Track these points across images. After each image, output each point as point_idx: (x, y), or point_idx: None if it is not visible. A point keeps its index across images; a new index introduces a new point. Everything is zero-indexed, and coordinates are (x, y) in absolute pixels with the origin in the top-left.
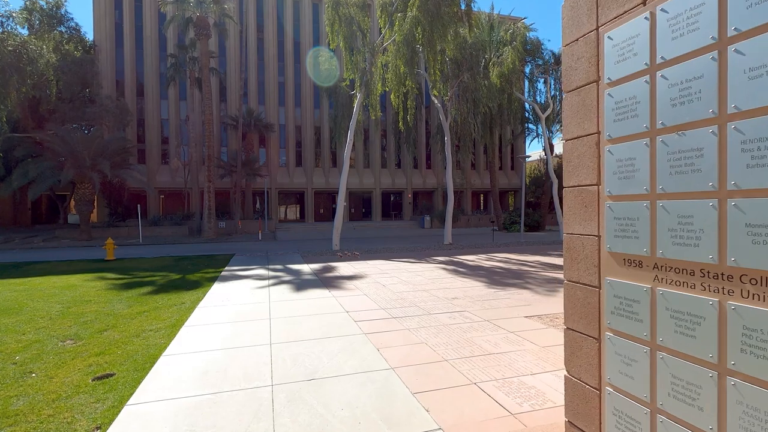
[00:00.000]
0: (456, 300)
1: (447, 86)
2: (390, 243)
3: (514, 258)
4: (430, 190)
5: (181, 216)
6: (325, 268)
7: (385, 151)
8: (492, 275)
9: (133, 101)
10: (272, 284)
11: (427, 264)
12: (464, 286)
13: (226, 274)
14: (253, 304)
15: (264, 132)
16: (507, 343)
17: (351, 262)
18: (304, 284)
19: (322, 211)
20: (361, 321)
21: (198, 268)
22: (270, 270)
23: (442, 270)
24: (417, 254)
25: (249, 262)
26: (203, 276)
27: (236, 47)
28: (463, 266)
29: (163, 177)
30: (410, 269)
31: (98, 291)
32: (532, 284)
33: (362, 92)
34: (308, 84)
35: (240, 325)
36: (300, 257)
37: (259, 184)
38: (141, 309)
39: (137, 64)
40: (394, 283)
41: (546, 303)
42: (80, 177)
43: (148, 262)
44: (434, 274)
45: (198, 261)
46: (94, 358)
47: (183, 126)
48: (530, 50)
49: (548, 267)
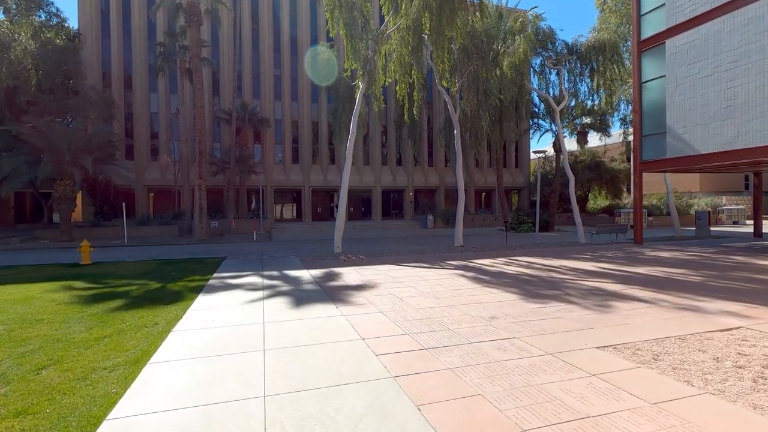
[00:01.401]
0: (495, 320)
1: (455, 77)
2: (394, 244)
3: (537, 262)
4: (432, 188)
5: (171, 215)
6: (327, 274)
7: (386, 148)
8: (522, 284)
9: (121, 94)
10: (267, 296)
11: (443, 270)
12: (497, 299)
13: (213, 283)
14: (242, 327)
15: (259, 127)
16: (597, 395)
17: (356, 267)
18: (305, 297)
19: (319, 210)
20: (385, 354)
21: (182, 275)
22: (265, 277)
23: (462, 278)
24: (428, 258)
25: (241, 267)
26: (187, 285)
27: (230, 38)
28: (483, 272)
29: (153, 174)
30: (426, 276)
31: (57, 306)
32: (575, 297)
33: (365, 82)
34: (305, 77)
35: (224, 361)
36: (299, 261)
37: (253, 182)
38: (102, 332)
39: (125, 55)
40: (413, 296)
41: (610, 325)
42: (59, 173)
43: (128, 268)
44: (455, 284)
45: (184, 266)
46: (8, 422)
47: (174, 120)
48: (542, 40)
49: (581, 274)
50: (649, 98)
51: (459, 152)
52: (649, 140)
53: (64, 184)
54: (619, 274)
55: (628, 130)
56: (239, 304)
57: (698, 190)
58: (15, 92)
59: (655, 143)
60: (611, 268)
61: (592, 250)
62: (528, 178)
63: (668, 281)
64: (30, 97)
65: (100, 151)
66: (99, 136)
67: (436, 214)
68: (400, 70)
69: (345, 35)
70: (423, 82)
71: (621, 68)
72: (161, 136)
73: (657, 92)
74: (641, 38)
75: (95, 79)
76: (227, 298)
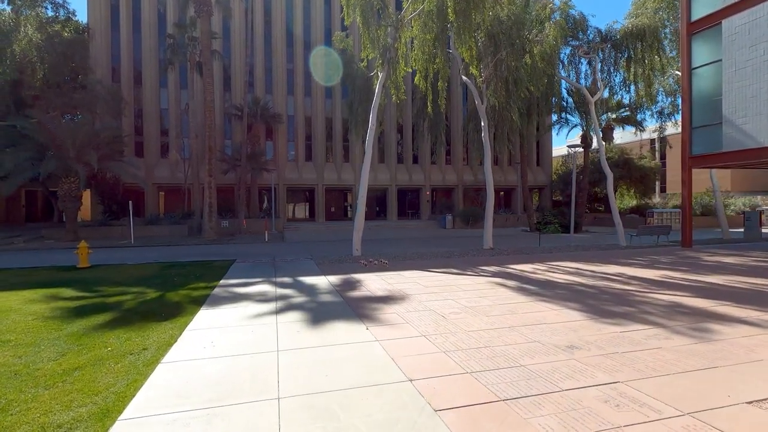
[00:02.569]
0: (576, 351)
1: (479, 67)
2: (415, 246)
3: (584, 269)
4: (449, 187)
5: (180, 214)
6: (347, 282)
7: (401, 145)
8: (583, 298)
9: (130, 90)
10: (281, 310)
11: (479, 277)
12: (562, 318)
13: (219, 292)
14: (250, 357)
15: (271, 123)
16: None
17: (379, 273)
18: (325, 311)
19: (333, 210)
20: (448, 410)
21: (186, 281)
22: (277, 285)
23: (505, 288)
24: (457, 262)
25: (251, 271)
26: (189, 294)
27: (241, 30)
28: (528, 281)
29: (162, 172)
30: (462, 285)
31: (34, 321)
32: (657, 316)
33: (385, 71)
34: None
35: (223, 421)
36: (314, 265)
37: (265, 180)
38: (75, 362)
39: (134, 50)
40: (456, 312)
41: (737, 362)
42: (64, 170)
43: (128, 272)
44: (501, 295)
45: (189, 270)
46: None
47: (184, 117)
48: (573, 27)
49: (646, 284)
50: (701, 86)
51: (487, 147)
52: (700, 133)
53: (69, 182)
54: (691, 284)
55: (665, 124)
56: (247, 320)
57: (730, 189)
58: (20, 86)
59: (708, 136)
60: (677, 277)
61: (638, 254)
62: (550, 177)
63: (761, 295)
64: (36, 91)
65: (106, 148)
66: (105, 131)
67: (455, 214)
68: (422, 58)
69: (362, 23)
70: (447, 70)
71: (662, 56)
72: (171, 133)
73: (710, 79)
74: (691, 19)
75: (104, 75)
76: (234, 313)
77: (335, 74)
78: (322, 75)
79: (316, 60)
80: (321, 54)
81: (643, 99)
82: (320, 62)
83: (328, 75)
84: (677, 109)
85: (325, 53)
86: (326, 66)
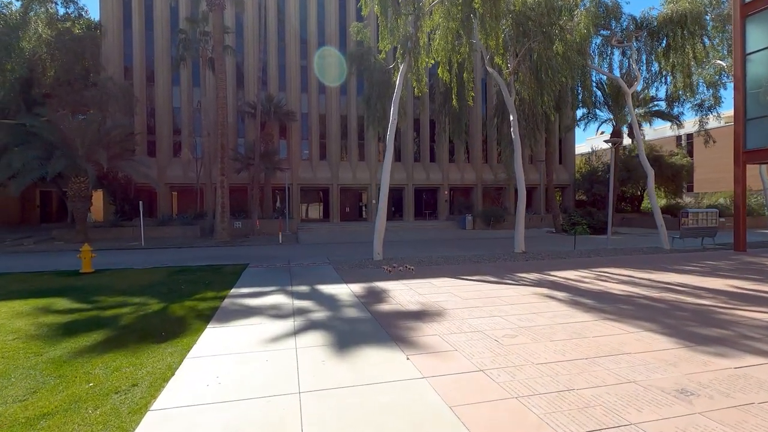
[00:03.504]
0: (694, 398)
1: (506, 57)
2: (437, 248)
3: (638, 277)
4: (468, 186)
5: (192, 215)
6: (372, 292)
7: (417, 143)
8: (655, 315)
9: (143, 88)
10: (300, 329)
11: (521, 287)
12: (647, 346)
13: (228, 305)
14: (266, 402)
15: (285, 121)
16: None
17: (406, 281)
18: (352, 332)
19: (348, 210)
20: None
21: (194, 290)
22: (294, 296)
23: (557, 302)
24: (489, 268)
25: (265, 278)
26: (195, 307)
27: (254, 27)
28: (581, 293)
29: (175, 171)
30: (505, 298)
31: (13, 342)
32: (766, 343)
33: (406, 61)
34: (334, 68)
35: None
36: (333, 271)
37: (279, 180)
38: (45, 404)
39: (147, 47)
40: (510, 335)
41: None
42: (73, 169)
43: (132, 278)
44: (556, 311)
45: (198, 276)
46: None
47: (197, 115)
48: (605, 14)
49: (724, 297)
50: (757, 73)
51: (518, 142)
52: (756, 125)
53: (79, 181)
54: None
55: (705, 117)
56: (261, 345)
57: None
58: (31, 84)
59: (765, 128)
60: (755, 289)
61: (689, 260)
62: (572, 176)
63: None
64: (47, 89)
65: (117, 147)
66: (116, 130)
67: (475, 214)
68: (445, 48)
69: (380, 11)
70: (472, 61)
71: (703, 44)
72: (184, 132)
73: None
74: (745, 0)
75: (116, 73)
76: (244, 334)
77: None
78: (335, 74)
79: (325, 59)
80: (329, 54)
81: (681, 91)
82: (332, 61)
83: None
84: (719, 101)
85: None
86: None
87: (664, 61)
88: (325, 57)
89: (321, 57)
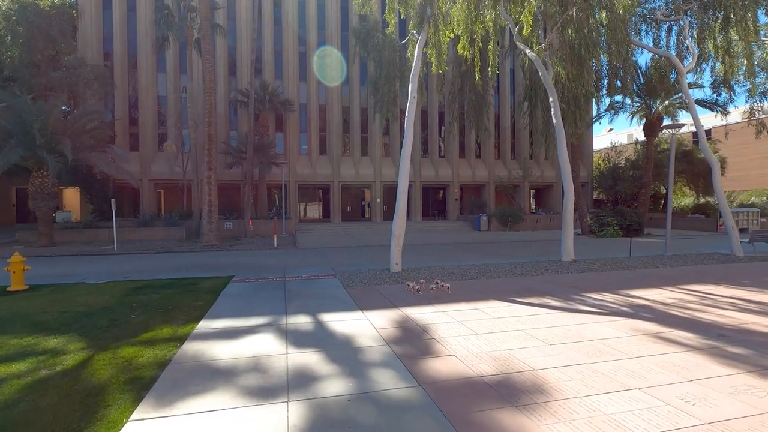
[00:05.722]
0: None
1: (536, 33)
2: (458, 254)
3: (754, 299)
4: (480, 183)
5: (178, 215)
6: (405, 329)
7: (424, 137)
8: None
9: (124, 75)
10: (298, 426)
11: (612, 319)
12: None
13: (185, 358)
14: None
15: (281, 110)
16: None
17: (445, 306)
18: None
19: (350, 209)
20: None
21: (146, 323)
22: (289, 338)
23: (692, 352)
24: (542, 283)
25: (251, 300)
26: (133, 361)
27: (248, 9)
28: (705, 329)
29: (160, 167)
30: (607, 341)
31: None
32: None
33: (424, 30)
34: (336, 55)
35: None
36: (341, 288)
37: (275, 176)
38: None
39: (129, 31)
40: None
41: None
42: (32, 161)
43: (72, 300)
44: (715, 372)
45: (162, 297)
46: None
47: (184, 106)
48: None
49: None
50: None
51: (561, 129)
52: None
53: (41, 176)
54: None
55: (758, 105)
56: None
57: None
58: None
59: None
60: None
61: None
62: (591, 172)
63: None
64: (9, 71)
65: (87, 136)
66: (85, 117)
67: (491, 214)
68: (467, 18)
69: None
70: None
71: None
72: (170, 124)
73: None
74: None
75: (95, 58)
76: None
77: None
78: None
79: (324, 58)
80: (328, 54)
81: (733, 74)
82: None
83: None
84: None
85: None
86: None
87: (723, 36)
88: (324, 57)
89: (321, 57)
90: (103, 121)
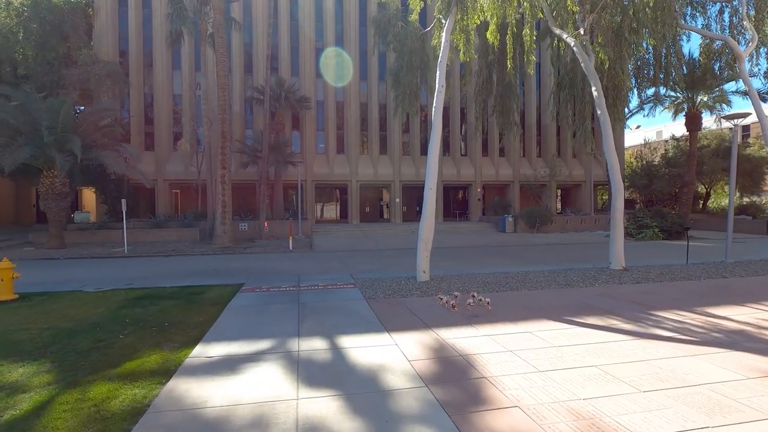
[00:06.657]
0: None
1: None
2: (488, 259)
3: None
4: (504, 183)
5: (192, 215)
6: (445, 362)
7: (445, 134)
8: None
9: (140, 74)
10: None
11: (710, 351)
12: None
13: (170, 404)
14: None
15: (297, 108)
16: None
17: (488, 328)
18: None
19: (368, 210)
20: None
21: (135, 345)
22: (301, 372)
23: None
24: (595, 297)
25: (260, 316)
26: (104, 404)
27: (264, 3)
28: None
29: (176, 167)
30: (722, 388)
31: None
32: None
33: (452, 15)
34: (353, 49)
35: None
36: (363, 302)
37: (291, 175)
38: None
39: (144, 28)
40: None
41: None
42: (42, 160)
43: (60, 313)
44: None
45: (161, 309)
46: None
47: (198, 102)
48: None
49: None
50: None
51: (606, 119)
52: None
53: (51, 176)
54: None
55: None
56: None
57: None
58: (3, 63)
59: None
60: None
61: None
62: (623, 170)
63: None
64: (23, 69)
65: (98, 134)
66: (96, 114)
67: (517, 215)
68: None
69: None
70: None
71: None
72: (185, 122)
73: None
74: None
75: (111, 57)
76: None
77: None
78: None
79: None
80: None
81: None
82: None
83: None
84: None
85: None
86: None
87: None
88: (336, 55)
89: (332, 57)
90: (116, 118)
